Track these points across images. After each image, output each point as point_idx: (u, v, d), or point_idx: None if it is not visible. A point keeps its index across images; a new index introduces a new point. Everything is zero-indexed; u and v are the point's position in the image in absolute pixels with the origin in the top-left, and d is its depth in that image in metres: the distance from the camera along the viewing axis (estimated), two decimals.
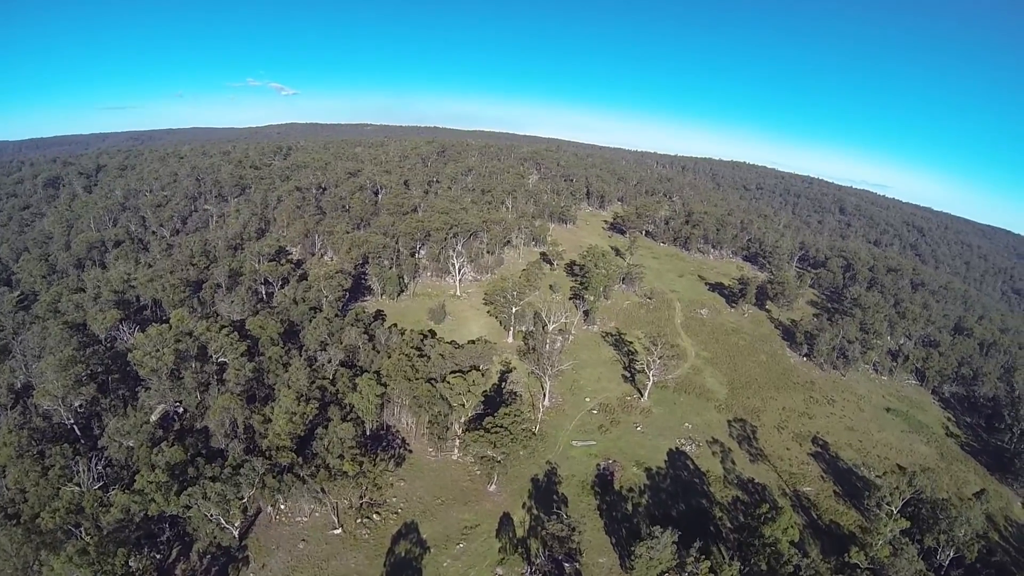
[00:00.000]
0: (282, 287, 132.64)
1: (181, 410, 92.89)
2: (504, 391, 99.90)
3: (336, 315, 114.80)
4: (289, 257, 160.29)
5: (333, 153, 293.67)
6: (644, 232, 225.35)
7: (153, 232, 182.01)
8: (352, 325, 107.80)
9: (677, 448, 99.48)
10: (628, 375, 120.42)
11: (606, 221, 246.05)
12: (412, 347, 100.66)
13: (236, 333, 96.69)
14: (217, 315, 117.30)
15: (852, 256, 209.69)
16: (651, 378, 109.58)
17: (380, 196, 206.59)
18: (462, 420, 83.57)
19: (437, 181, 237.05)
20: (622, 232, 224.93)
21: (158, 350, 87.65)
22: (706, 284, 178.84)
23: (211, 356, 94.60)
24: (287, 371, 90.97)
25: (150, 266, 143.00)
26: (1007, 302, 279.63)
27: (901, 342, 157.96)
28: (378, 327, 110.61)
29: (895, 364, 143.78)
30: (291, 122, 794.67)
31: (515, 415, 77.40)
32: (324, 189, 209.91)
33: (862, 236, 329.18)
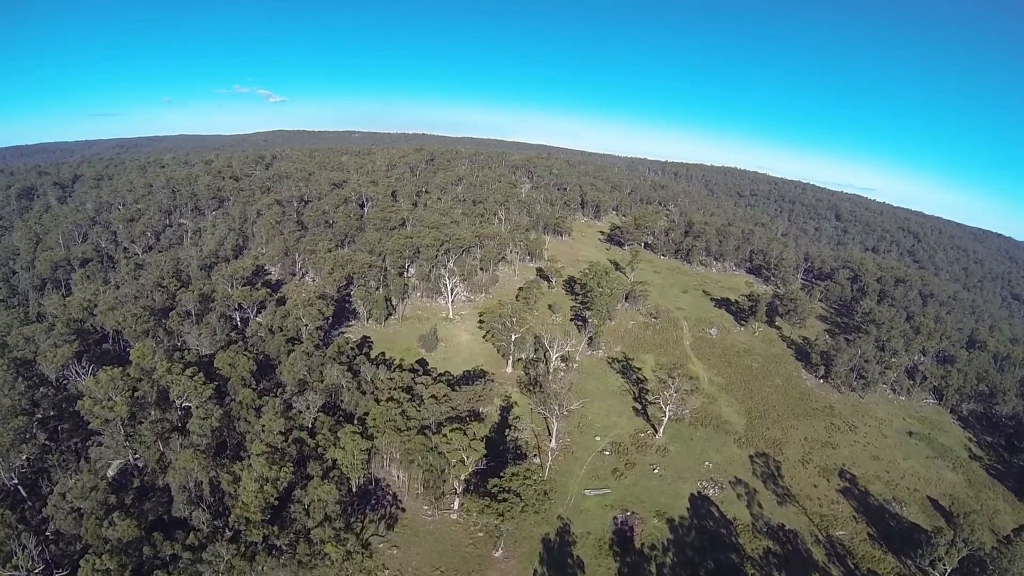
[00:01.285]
0: (258, 314, 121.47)
1: (142, 464, 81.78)
2: (508, 437, 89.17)
3: (317, 346, 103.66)
4: (267, 278, 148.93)
5: (318, 162, 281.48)
6: (643, 244, 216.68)
7: (124, 248, 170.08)
8: (334, 360, 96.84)
9: (699, 492, 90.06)
10: (639, 407, 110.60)
11: (602, 232, 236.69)
12: (401, 388, 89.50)
13: (202, 374, 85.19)
14: (185, 348, 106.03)
15: (858, 267, 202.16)
16: (667, 413, 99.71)
17: (366, 209, 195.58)
18: (462, 477, 73.18)
19: (426, 192, 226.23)
20: (620, 244, 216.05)
21: (110, 399, 76.47)
22: (712, 300, 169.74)
23: (173, 401, 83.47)
24: (260, 418, 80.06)
25: (118, 287, 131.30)
26: (1008, 308, 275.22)
27: (918, 359, 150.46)
28: (363, 363, 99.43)
29: (912, 383, 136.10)
30: (278, 129, 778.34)
31: (525, 475, 66.94)
32: (307, 202, 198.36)
33: (859, 243, 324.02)
